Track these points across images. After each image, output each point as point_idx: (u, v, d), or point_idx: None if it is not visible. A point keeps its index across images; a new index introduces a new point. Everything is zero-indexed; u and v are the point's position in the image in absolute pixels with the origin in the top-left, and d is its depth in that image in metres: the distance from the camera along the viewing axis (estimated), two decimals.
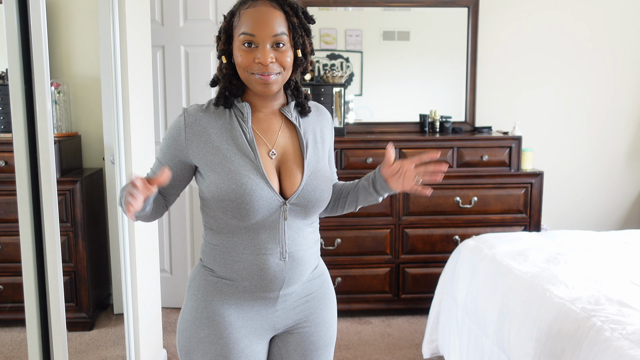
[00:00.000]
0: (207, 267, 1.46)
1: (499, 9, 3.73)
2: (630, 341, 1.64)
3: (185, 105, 3.47)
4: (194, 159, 1.40)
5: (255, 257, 1.38)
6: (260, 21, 1.32)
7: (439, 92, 3.77)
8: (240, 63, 1.35)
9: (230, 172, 1.35)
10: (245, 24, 1.34)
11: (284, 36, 1.34)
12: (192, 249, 3.58)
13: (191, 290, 1.47)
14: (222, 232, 1.41)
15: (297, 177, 1.41)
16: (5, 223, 2.97)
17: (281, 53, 1.35)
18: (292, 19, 1.35)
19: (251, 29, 1.33)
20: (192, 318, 1.44)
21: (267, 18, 1.33)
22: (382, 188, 1.46)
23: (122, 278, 2.38)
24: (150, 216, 1.45)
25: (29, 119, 1.68)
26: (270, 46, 1.34)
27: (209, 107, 1.43)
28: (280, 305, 1.45)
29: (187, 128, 1.39)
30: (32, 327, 1.75)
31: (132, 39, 2.39)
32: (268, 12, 1.33)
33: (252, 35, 1.32)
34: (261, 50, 1.33)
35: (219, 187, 1.35)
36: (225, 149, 1.38)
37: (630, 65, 3.85)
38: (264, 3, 1.34)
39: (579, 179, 3.93)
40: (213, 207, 1.39)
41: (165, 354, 2.91)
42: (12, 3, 1.64)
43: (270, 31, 1.33)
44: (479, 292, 2.40)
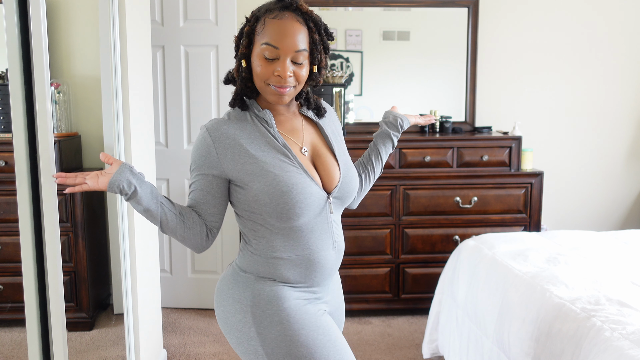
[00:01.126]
0: (263, 276, 1.44)
1: (499, 9, 3.73)
2: (630, 341, 1.64)
3: (186, 105, 3.47)
4: (231, 172, 1.39)
5: (310, 252, 1.43)
6: (286, 35, 1.34)
7: (439, 92, 3.77)
8: (258, 73, 1.38)
9: (277, 176, 1.37)
10: (269, 34, 1.35)
11: (305, 52, 1.37)
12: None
13: (245, 301, 1.44)
14: (273, 239, 1.42)
15: (335, 172, 1.48)
16: (5, 223, 2.97)
17: (299, 68, 1.38)
18: (314, 35, 1.38)
19: (276, 41, 1.35)
20: (259, 320, 1.42)
21: (292, 32, 1.35)
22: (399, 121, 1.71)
23: (122, 278, 2.38)
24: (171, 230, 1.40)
25: (29, 119, 1.68)
26: (290, 60, 1.36)
27: (230, 119, 1.44)
28: (325, 296, 1.52)
29: (216, 143, 1.39)
30: (32, 327, 1.75)
31: (132, 39, 2.39)
32: (294, 26, 1.35)
33: (276, 48, 1.35)
34: (281, 64, 1.35)
35: (269, 193, 1.36)
36: (262, 156, 1.39)
37: (631, 65, 3.85)
38: (290, 16, 1.36)
39: (579, 179, 3.93)
40: (261, 215, 1.39)
41: (165, 354, 2.91)
42: (12, 3, 1.63)
43: (294, 46, 1.35)
44: (479, 292, 2.40)
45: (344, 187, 1.47)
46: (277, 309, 1.41)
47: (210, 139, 1.39)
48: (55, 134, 3.15)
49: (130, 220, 2.38)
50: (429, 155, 3.36)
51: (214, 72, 3.44)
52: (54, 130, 3.14)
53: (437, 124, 3.59)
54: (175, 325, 3.35)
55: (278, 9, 1.37)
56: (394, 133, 1.70)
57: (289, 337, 1.39)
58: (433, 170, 3.37)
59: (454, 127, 3.57)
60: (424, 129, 3.61)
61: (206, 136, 1.40)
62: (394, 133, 1.70)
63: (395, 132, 1.70)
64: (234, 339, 1.45)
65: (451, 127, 3.56)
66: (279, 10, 1.37)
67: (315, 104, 1.55)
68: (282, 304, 1.41)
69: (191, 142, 3.50)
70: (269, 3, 1.41)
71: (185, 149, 3.51)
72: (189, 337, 3.20)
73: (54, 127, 3.14)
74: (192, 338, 3.19)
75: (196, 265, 3.59)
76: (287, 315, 1.40)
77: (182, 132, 3.49)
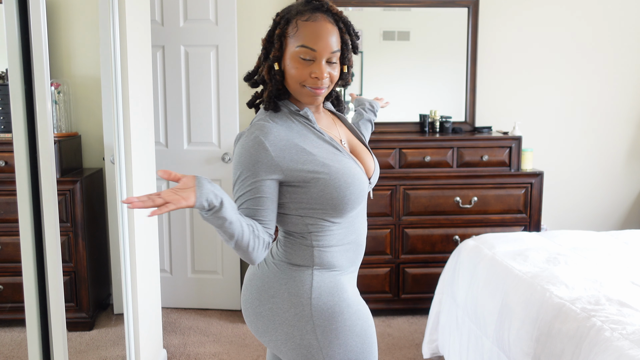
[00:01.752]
0: (321, 267, 1.46)
1: (499, 9, 3.73)
2: (630, 341, 1.64)
3: (186, 105, 3.47)
4: (291, 173, 1.38)
5: (357, 236, 1.51)
6: (321, 37, 1.37)
7: (439, 92, 3.77)
8: (294, 75, 1.39)
9: (338, 169, 1.41)
10: (304, 37, 1.37)
11: (338, 53, 1.41)
12: (192, 249, 3.59)
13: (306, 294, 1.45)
14: (334, 229, 1.46)
15: (370, 160, 1.56)
16: (5, 223, 2.97)
17: (332, 69, 1.41)
18: (344, 35, 1.42)
19: (312, 43, 1.36)
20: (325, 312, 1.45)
21: (327, 34, 1.37)
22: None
23: (122, 278, 2.38)
24: (245, 242, 1.34)
25: (29, 119, 1.68)
26: (325, 61, 1.39)
27: (275, 121, 1.43)
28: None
29: (272, 147, 1.37)
30: (32, 327, 1.75)
31: (132, 39, 2.39)
32: (327, 28, 1.38)
33: (312, 50, 1.37)
34: (318, 66, 1.38)
35: (335, 187, 1.39)
36: (319, 152, 1.42)
37: (631, 66, 3.85)
38: (323, 17, 1.38)
39: (579, 179, 3.93)
40: (323, 209, 1.42)
41: (165, 354, 2.91)
42: (12, 3, 1.63)
43: (329, 48, 1.38)
44: (479, 292, 2.40)
45: (377, 174, 1.58)
46: (338, 299, 1.44)
47: (266, 143, 1.36)
48: (55, 134, 3.16)
49: (130, 220, 2.38)
50: (429, 155, 3.36)
51: (214, 72, 3.44)
52: (54, 130, 3.14)
53: (437, 123, 3.59)
54: (175, 325, 3.35)
55: (309, 10, 1.39)
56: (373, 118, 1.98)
57: (347, 328, 1.44)
58: (433, 170, 3.37)
59: (454, 127, 3.57)
60: (424, 129, 3.61)
61: (259, 141, 1.36)
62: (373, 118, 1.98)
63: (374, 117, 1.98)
64: (283, 335, 1.45)
65: (451, 127, 3.56)
66: (310, 12, 1.38)
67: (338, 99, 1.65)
68: (343, 294, 1.46)
69: (191, 142, 3.50)
70: (298, 4, 1.41)
71: (185, 149, 3.51)
72: (189, 337, 3.20)
73: (54, 127, 3.14)
74: (192, 338, 3.19)
75: (196, 265, 3.59)
76: (348, 306, 1.45)
77: (182, 132, 3.50)
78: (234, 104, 3.46)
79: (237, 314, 3.54)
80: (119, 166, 2.34)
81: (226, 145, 3.48)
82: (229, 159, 3.48)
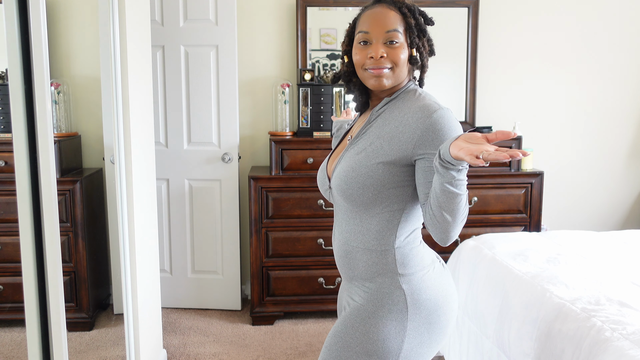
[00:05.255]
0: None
1: (499, 9, 3.73)
2: (631, 341, 1.64)
3: (186, 105, 3.47)
4: None
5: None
6: (375, 20, 1.41)
7: (438, 92, 3.76)
8: (357, 61, 1.44)
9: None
10: (362, 24, 1.44)
11: (396, 33, 1.40)
12: (192, 249, 3.59)
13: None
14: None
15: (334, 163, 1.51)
16: (5, 223, 2.97)
17: (394, 50, 1.40)
18: (409, 19, 1.42)
19: (366, 27, 1.42)
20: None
21: (382, 17, 1.41)
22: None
23: (122, 278, 2.38)
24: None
25: (29, 119, 1.68)
26: (383, 43, 1.40)
27: None
28: None
29: None
30: (32, 327, 1.75)
31: (132, 39, 2.38)
32: (384, 12, 1.41)
33: (366, 33, 1.41)
34: (374, 47, 1.40)
35: None
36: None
37: (631, 66, 3.85)
38: (381, 5, 1.43)
39: (579, 179, 3.93)
40: None
41: (165, 354, 2.91)
42: (12, 3, 1.63)
43: (384, 27, 1.40)
44: (479, 292, 2.39)
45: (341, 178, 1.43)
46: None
47: None
48: (55, 134, 3.16)
49: (130, 220, 2.38)
50: None
51: (214, 72, 3.44)
52: (54, 130, 3.14)
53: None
54: (175, 325, 3.35)
55: (372, 3, 1.46)
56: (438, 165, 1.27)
57: None
58: None
59: None
60: None
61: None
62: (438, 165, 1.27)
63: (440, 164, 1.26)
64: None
65: None
66: (372, 4, 1.46)
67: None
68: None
69: (191, 142, 3.50)
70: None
71: (185, 149, 3.51)
72: (188, 337, 3.20)
73: (54, 127, 3.14)
74: (192, 338, 3.19)
75: (196, 265, 3.59)
76: None
77: (182, 132, 3.49)
78: (234, 104, 3.46)
79: (237, 314, 3.54)
80: (119, 166, 2.34)
81: (226, 145, 3.48)
82: (229, 159, 3.48)
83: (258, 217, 3.27)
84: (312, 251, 3.30)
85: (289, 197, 3.26)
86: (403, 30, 1.41)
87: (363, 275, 1.45)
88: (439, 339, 1.46)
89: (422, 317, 1.40)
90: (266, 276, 3.34)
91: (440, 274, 1.49)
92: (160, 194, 3.52)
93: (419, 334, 1.41)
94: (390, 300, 1.40)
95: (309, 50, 3.62)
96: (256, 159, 3.72)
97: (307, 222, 3.26)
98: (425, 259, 1.47)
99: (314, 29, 3.62)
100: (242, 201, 3.66)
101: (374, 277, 1.43)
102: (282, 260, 3.32)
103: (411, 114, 1.37)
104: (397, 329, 1.39)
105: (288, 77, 3.64)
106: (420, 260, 1.45)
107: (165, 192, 3.54)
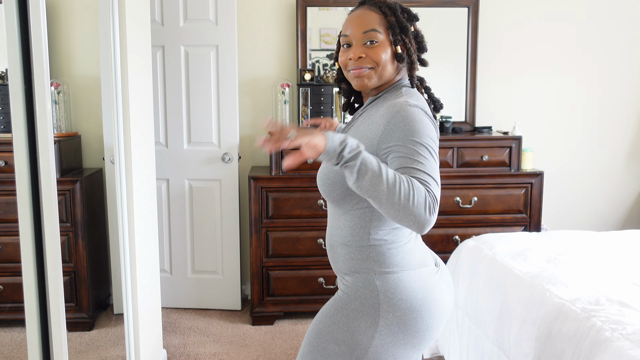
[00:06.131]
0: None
1: (499, 9, 3.73)
2: (631, 341, 1.64)
3: (186, 105, 3.47)
4: None
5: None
6: (354, 22, 1.44)
7: (438, 92, 3.74)
8: (340, 63, 1.49)
9: None
10: (344, 27, 1.48)
11: (374, 33, 1.42)
12: (192, 249, 3.59)
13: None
14: None
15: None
16: (5, 223, 2.97)
17: (373, 49, 1.42)
18: (389, 18, 1.43)
19: (346, 30, 1.46)
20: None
21: (360, 19, 1.44)
22: None
23: (122, 278, 2.38)
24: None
25: (29, 119, 1.68)
26: (363, 44, 1.42)
27: None
28: None
29: None
30: (32, 327, 1.75)
31: (132, 39, 2.38)
32: (363, 13, 1.44)
33: (346, 36, 1.45)
34: (353, 48, 1.44)
35: None
36: None
37: (631, 66, 3.85)
38: (362, 7, 1.46)
39: (579, 179, 3.93)
40: None
41: (165, 354, 2.91)
42: (12, 3, 1.63)
43: (361, 29, 1.42)
44: (479, 292, 2.39)
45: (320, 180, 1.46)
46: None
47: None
48: (55, 134, 3.16)
49: (130, 220, 2.38)
50: None
51: (214, 72, 3.44)
52: (54, 130, 3.14)
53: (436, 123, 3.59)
54: (175, 325, 3.35)
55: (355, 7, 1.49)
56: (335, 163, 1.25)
57: None
58: None
59: (454, 127, 3.57)
60: None
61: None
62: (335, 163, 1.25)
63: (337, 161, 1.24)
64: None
65: (451, 127, 3.56)
66: (355, 8, 1.49)
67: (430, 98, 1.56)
68: None
69: (191, 142, 3.50)
70: None
71: (185, 149, 3.51)
72: (189, 337, 3.20)
73: (54, 127, 3.14)
74: (192, 338, 3.19)
75: (196, 265, 3.59)
76: None
77: (182, 132, 3.49)
78: (234, 104, 3.46)
79: (237, 314, 3.54)
80: (119, 166, 2.34)
81: (226, 145, 3.48)
82: (229, 159, 3.48)
83: (258, 217, 3.27)
84: (312, 251, 3.30)
85: (289, 197, 3.26)
86: (384, 29, 1.42)
87: (343, 269, 1.48)
88: (417, 342, 1.41)
89: (395, 316, 1.38)
90: (266, 276, 3.34)
91: (428, 277, 1.44)
92: (160, 194, 3.52)
93: (392, 333, 1.39)
94: (363, 295, 1.41)
95: (309, 50, 3.62)
96: (256, 159, 3.72)
97: (307, 222, 3.26)
98: (411, 260, 1.43)
99: (314, 29, 3.62)
100: (242, 201, 3.66)
101: (352, 271, 1.45)
102: (282, 260, 3.32)
103: (381, 112, 1.39)
104: (367, 324, 1.39)
105: (288, 77, 3.64)
106: (402, 259, 1.42)
107: (165, 192, 3.54)
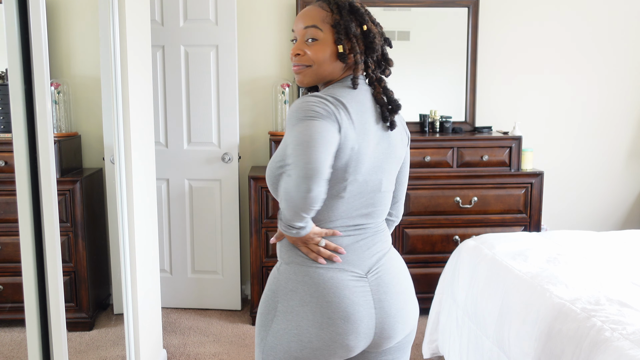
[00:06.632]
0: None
1: (499, 9, 3.73)
2: (631, 341, 1.64)
3: (186, 105, 3.47)
4: None
5: None
6: (300, 17, 1.43)
7: (439, 92, 3.77)
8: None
9: None
10: (294, 22, 1.47)
11: (314, 30, 1.39)
12: (192, 249, 3.59)
13: None
14: None
15: None
16: (5, 223, 2.97)
17: (311, 47, 1.40)
18: (335, 16, 1.39)
19: (294, 24, 1.44)
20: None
21: (305, 14, 1.42)
22: None
23: (122, 278, 2.38)
24: None
25: (29, 119, 1.68)
26: (305, 40, 1.41)
27: None
28: None
29: None
30: (32, 327, 1.75)
31: (132, 39, 2.39)
32: (310, 9, 1.42)
33: (293, 31, 1.45)
34: (295, 45, 1.43)
35: None
36: None
37: (631, 66, 3.85)
38: (314, 3, 1.44)
39: (579, 179, 3.93)
40: None
41: (165, 354, 2.91)
42: (12, 3, 1.63)
43: (303, 24, 1.41)
44: (479, 292, 2.39)
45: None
46: None
47: None
48: (55, 134, 3.16)
49: (130, 220, 2.38)
50: (429, 155, 3.36)
51: (214, 72, 3.44)
52: (54, 130, 3.14)
53: (437, 123, 3.59)
54: (175, 325, 3.35)
55: None
56: None
57: None
58: (433, 170, 3.37)
59: (454, 127, 3.57)
60: (424, 129, 3.61)
61: None
62: None
63: None
64: None
65: (451, 127, 3.56)
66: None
67: (390, 103, 1.44)
68: None
69: (191, 142, 3.50)
70: None
71: (185, 149, 3.51)
72: (188, 337, 3.20)
73: (54, 127, 3.14)
74: (192, 338, 3.19)
75: (196, 265, 3.59)
76: None
77: (182, 132, 3.50)
78: (234, 104, 3.46)
79: (237, 314, 3.54)
80: (119, 166, 2.34)
81: (226, 145, 3.48)
82: (229, 159, 3.48)
83: (258, 217, 3.27)
84: None
85: None
86: (329, 27, 1.38)
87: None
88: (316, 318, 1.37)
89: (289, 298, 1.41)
90: (266, 276, 3.34)
91: (309, 273, 1.38)
92: (160, 194, 3.52)
93: (290, 310, 1.40)
94: (273, 278, 1.46)
95: None
96: (256, 159, 3.72)
97: None
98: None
99: None
100: (242, 201, 3.66)
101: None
102: None
103: None
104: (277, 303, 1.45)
105: (288, 77, 3.64)
106: (297, 253, 1.41)
107: (165, 192, 3.54)
